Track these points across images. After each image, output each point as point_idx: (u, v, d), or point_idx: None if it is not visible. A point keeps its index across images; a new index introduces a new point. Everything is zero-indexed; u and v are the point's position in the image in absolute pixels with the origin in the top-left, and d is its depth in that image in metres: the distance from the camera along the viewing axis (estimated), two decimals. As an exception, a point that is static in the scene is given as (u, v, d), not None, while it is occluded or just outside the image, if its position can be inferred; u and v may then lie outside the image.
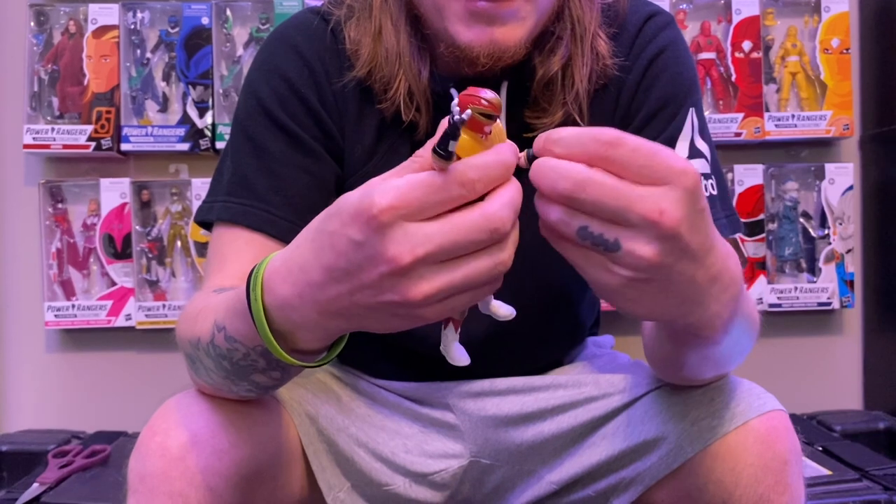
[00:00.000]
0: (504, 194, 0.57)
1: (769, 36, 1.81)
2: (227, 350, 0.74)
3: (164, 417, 0.83)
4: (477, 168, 0.56)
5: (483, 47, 0.85)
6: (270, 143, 0.96)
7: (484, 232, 0.55)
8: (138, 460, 0.80)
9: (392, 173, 0.59)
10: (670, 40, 0.99)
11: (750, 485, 0.81)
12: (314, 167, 0.97)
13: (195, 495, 0.79)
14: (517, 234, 0.59)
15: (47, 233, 1.75)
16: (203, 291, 0.90)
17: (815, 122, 1.77)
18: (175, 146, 1.72)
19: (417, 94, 0.94)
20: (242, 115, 1.00)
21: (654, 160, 0.55)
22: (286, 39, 1.01)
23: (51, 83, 1.74)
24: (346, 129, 0.99)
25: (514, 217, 0.57)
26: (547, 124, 0.95)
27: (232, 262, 0.92)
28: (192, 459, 0.80)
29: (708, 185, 0.96)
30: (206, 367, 0.79)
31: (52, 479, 1.39)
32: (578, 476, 0.98)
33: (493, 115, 0.57)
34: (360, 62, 0.96)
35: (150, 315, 1.72)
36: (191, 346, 0.79)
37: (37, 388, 1.82)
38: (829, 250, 1.80)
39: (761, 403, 0.84)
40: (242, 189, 0.95)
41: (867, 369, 1.88)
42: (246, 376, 0.76)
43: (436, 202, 0.55)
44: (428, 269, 0.56)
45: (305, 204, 0.95)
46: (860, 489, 1.32)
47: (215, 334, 0.74)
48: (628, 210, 0.55)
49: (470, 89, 0.56)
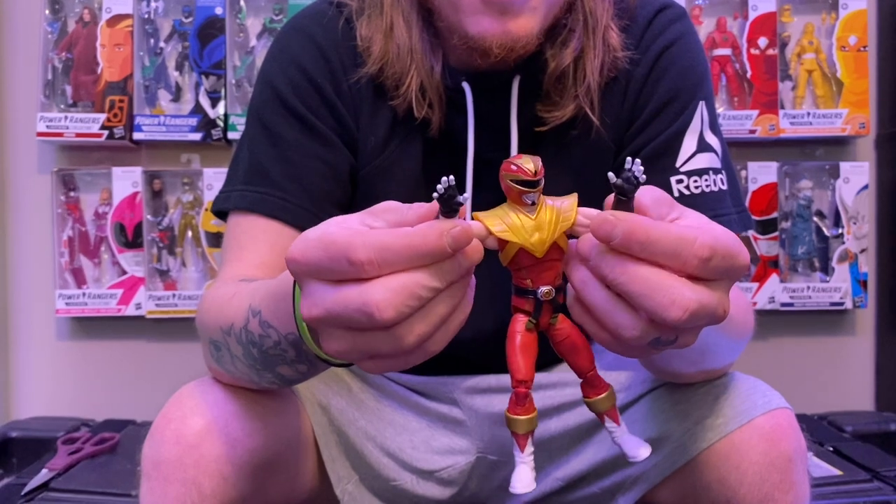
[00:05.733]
0: (394, 281, 0.52)
1: (785, 33, 1.80)
2: (260, 336, 0.73)
3: (179, 405, 0.82)
4: (370, 248, 0.52)
5: (496, 38, 0.85)
6: (286, 132, 0.96)
7: (359, 313, 0.52)
8: (152, 447, 0.80)
9: (370, 215, 0.57)
10: (681, 33, 0.98)
11: (754, 483, 0.80)
12: (329, 156, 0.97)
13: (208, 483, 0.79)
14: (425, 324, 0.54)
15: (59, 221, 1.76)
16: (222, 280, 0.90)
17: (831, 120, 1.75)
18: (187, 136, 1.72)
19: (430, 90, 0.93)
20: (258, 103, 1.00)
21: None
22: (302, 29, 1.00)
23: (64, 71, 1.75)
24: (360, 120, 0.99)
25: (404, 307, 0.52)
26: (558, 118, 0.95)
27: (249, 251, 0.92)
28: (207, 448, 0.79)
29: (718, 179, 0.95)
30: (234, 354, 0.78)
31: (60, 465, 1.40)
32: (584, 473, 0.97)
33: (527, 182, 0.53)
34: (371, 59, 0.95)
35: (161, 304, 1.73)
36: (221, 332, 0.78)
37: (47, 375, 1.83)
38: (843, 250, 1.78)
39: (766, 401, 0.83)
40: (259, 177, 0.95)
41: (879, 370, 1.86)
42: (273, 367, 0.75)
43: (327, 269, 0.53)
44: (331, 329, 0.55)
45: (321, 192, 0.95)
46: (871, 490, 1.31)
47: (250, 319, 0.73)
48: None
49: (512, 157, 0.54)
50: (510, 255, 0.56)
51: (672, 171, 0.95)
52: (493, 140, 0.95)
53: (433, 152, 0.98)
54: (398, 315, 0.51)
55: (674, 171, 0.95)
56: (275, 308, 0.70)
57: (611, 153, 0.99)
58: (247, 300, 0.75)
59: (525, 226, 0.55)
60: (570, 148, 0.97)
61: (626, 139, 0.98)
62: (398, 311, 0.51)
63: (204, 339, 0.84)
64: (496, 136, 0.95)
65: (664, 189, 0.95)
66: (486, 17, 0.84)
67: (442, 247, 0.52)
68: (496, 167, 0.97)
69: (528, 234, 0.55)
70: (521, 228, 0.55)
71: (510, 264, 0.57)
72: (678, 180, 0.94)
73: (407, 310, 0.52)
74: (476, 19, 0.85)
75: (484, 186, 0.98)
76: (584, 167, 0.98)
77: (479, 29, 0.85)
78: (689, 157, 0.96)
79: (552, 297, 0.56)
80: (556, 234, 0.55)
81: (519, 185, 0.54)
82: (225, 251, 0.96)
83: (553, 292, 0.56)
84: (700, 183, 0.94)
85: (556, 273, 0.57)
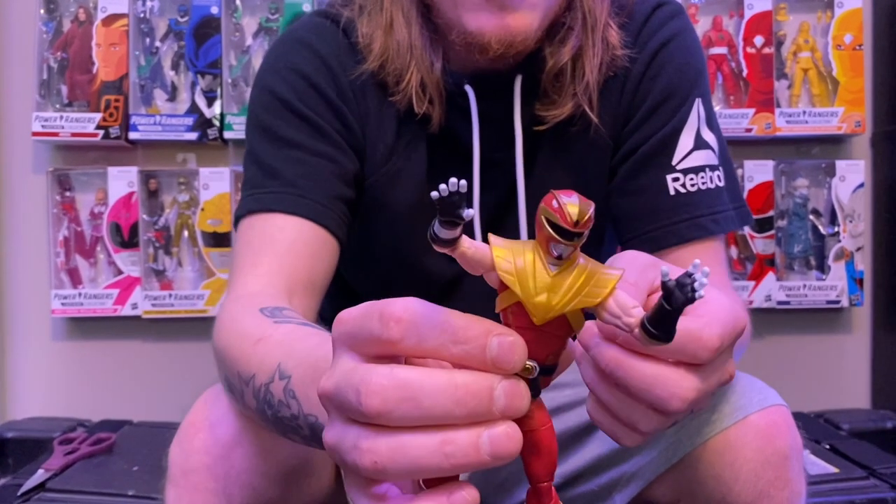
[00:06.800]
0: (402, 371, 0.42)
1: (781, 31, 1.80)
2: (279, 402, 0.65)
3: (207, 412, 0.81)
4: (408, 309, 0.42)
5: (494, 33, 0.85)
6: (294, 134, 0.94)
7: (352, 389, 0.42)
8: (181, 454, 0.79)
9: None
10: (678, 30, 0.98)
11: (749, 480, 0.80)
12: (338, 156, 0.95)
13: (238, 494, 0.78)
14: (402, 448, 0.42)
15: (55, 221, 1.76)
16: (238, 297, 0.84)
17: (827, 118, 1.75)
18: (183, 135, 1.72)
19: (430, 86, 0.93)
20: (259, 113, 0.98)
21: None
22: (298, 38, 1.00)
23: (60, 71, 1.75)
24: (367, 126, 0.98)
25: (394, 402, 0.41)
26: (556, 116, 0.95)
27: (265, 256, 0.88)
28: (237, 458, 0.78)
29: (715, 176, 0.95)
30: (247, 404, 0.72)
31: (57, 465, 1.40)
32: (581, 470, 0.97)
33: (563, 231, 0.41)
34: (372, 56, 0.95)
35: (157, 304, 1.73)
36: (239, 378, 0.71)
37: (43, 375, 1.83)
38: (839, 248, 1.78)
39: (762, 398, 0.83)
40: (271, 179, 0.93)
41: (875, 368, 1.87)
42: (283, 433, 0.68)
43: (359, 328, 0.44)
44: (331, 410, 0.46)
45: (335, 191, 0.93)
46: (867, 487, 1.32)
47: (276, 380, 0.65)
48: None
49: (562, 192, 0.42)
50: (505, 303, 0.44)
51: (668, 168, 0.95)
52: (497, 140, 0.95)
53: (438, 157, 0.99)
54: (383, 406, 0.41)
55: (670, 168, 0.95)
56: (310, 380, 0.60)
57: (609, 150, 0.99)
58: (278, 355, 0.66)
59: (538, 279, 0.42)
60: (569, 145, 0.98)
61: (623, 136, 0.98)
62: (384, 402, 0.41)
63: (219, 367, 0.79)
64: (500, 137, 0.95)
65: (660, 187, 0.97)
66: (485, 13, 0.85)
67: (482, 346, 0.41)
68: (502, 167, 0.98)
69: (534, 290, 0.42)
70: (531, 280, 0.42)
71: (503, 315, 0.45)
72: (674, 178, 0.95)
73: (395, 407, 0.40)
74: (475, 15, 0.85)
75: (490, 187, 0.98)
76: (582, 164, 0.99)
77: (477, 24, 0.85)
78: (685, 155, 0.96)
79: (533, 375, 0.43)
80: (571, 306, 0.43)
81: (553, 229, 0.41)
82: (237, 258, 0.91)
83: (536, 370, 0.43)
84: (696, 181, 0.94)
85: (553, 351, 0.45)
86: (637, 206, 0.97)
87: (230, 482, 0.78)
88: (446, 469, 0.41)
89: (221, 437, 0.79)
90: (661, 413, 0.55)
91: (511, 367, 0.41)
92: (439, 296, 1.04)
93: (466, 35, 0.87)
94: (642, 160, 0.97)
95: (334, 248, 0.94)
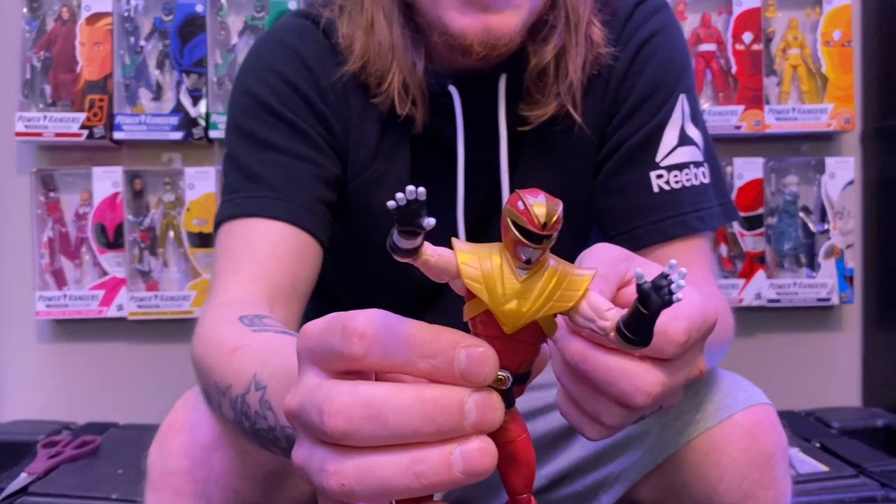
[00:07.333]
0: (365, 388, 0.40)
1: (770, 28, 1.79)
2: (255, 414, 0.63)
3: (187, 414, 0.80)
4: (372, 322, 0.40)
5: (477, 34, 0.84)
6: (274, 137, 0.93)
7: (315, 409, 0.41)
8: (160, 457, 0.78)
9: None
10: (661, 25, 0.97)
11: (734, 480, 0.79)
12: (320, 159, 0.94)
13: (218, 496, 0.77)
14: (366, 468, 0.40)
15: (39, 222, 1.74)
16: (218, 305, 0.83)
17: (816, 115, 1.74)
18: (168, 135, 1.70)
19: (413, 87, 0.92)
20: (239, 115, 0.96)
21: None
22: (278, 40, 0.98)
23: (43, 70, 1.73)
24: (349, 128, 0.97)
25: (358, 421, 0.39)
26: (540, 116, 0.94)
27: (246, 261, 0.87)
28: (217, 460, 0.77)
29: (700, 172, 0.94)
30: (224, 415, 0.70)
31: (40, 469, 1.39)
32: (567, 470, 0.96)
33: (530, 234, 0.38)
34: (353, 56, 0.94)
35: (142, 306, 1.71)
36: (216, 389, 0.70)
37: (28, 378, 1.81)
38: (829, 245, 1.78)
39: (747, 396, 0.82)
40: (251, 183, 0.91)
41: (866, 366, 1.86)
42: (262, 445, 0.66)
43: (322, 342, 0.42)
44: (298, 428, 0.45)
45: (317, 195, 0.92)
46: (857, 485, 1.31)
47: (252, 390, 0.63)
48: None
49: (527, 191, 0.39)
50: (473, 312, 0.41)
51: (652, 165, 0.94)
52: (481, 141, 0.94)
53: (423, 159, 0.97)
54: (347, 426, 0.39)
55: (654, 165, 0.94)
56: (286, 391, 0.59)
57: (594, 148, 0.98)
58: (254, 364, 0.64)
59: (506, 286, 0.40)
60: (554, 145, 0.97)
61: (607, 133, 0.97)
62: (348, 421, 0.39)
63: (197, 377, 0.77)
64: (484, 137, 0.94)
65: (644, 184, 0.96)
66: (468, 14, 0.83)
67: (449, 359, 0.39)
68: (486, 169, 0.97)
69: (503, 297, 0.40)
70: (499, 286, 0.40)
71: (471, 324, 0.42)
72: (658, 175, 0.94)
73: (361, 426, 0.39)
74: (457, 15, 0.84)
75: (475, 189, 0.97)
76: (568, 164, 0.98)
77: (459, 25, 0.84)
78: (669, 152, 0.95)
79: (506, 386, 0.41)
80: (542, 313, 0.40)
81: (520, 232, 0.38)
82: (218, 265, 0.90)
83: (509, 381, 0.41)
84: (681, 177, 0.94)
85: (526, 358, 0.42)
86: (621, 204, 0.96)
87: (210, 485, 0.77)
88: (417, 489, 0.39)
89: (201, 439, 0.78)
90: (625, 407, 0.55)
91: (482, 380, 0.39)
92: (426, 301, 1.03)
93: (448, 37, 0.86)
94: (626, 157, 0.96)
95: (317, 253, 0.92)
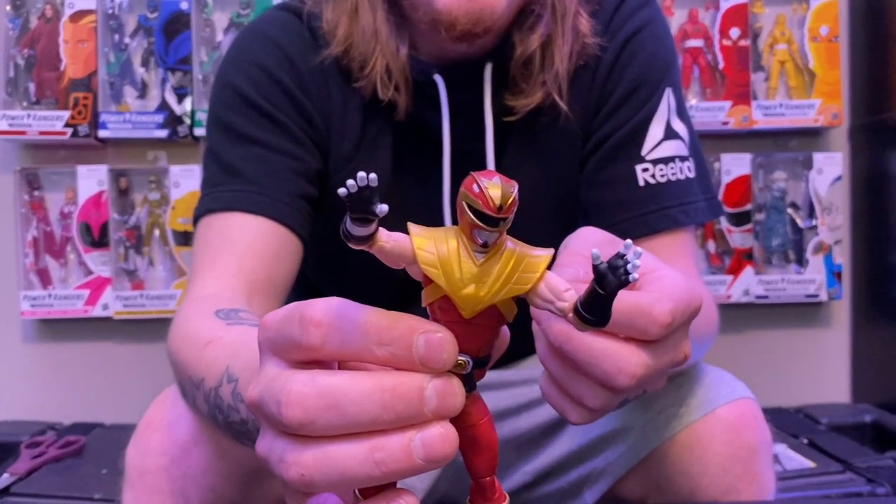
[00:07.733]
0: (323, 378, 0.40)
1: (757, 24, 1.79)
2: (228, 407, 0.64)
3: (164, 412, 0.79)
4: (328, 311, 0.40)
5: (462, 8, 0.82)
6: (255, 131, 0.92)
7: (273, 401, 0.41)
8: (138, 455, 0.78)
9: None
10: (648, 19, 0.96)
11: (717, 474, 0.79)
12: (300, 153, 0.93)
13: (196, 494, 0.76)
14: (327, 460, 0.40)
15: (23, 221, 1.72)
16: (195, 299, 0.82)
17: (804, 111, 1.74)
18: (153, 133, 1.69)
19: (396, 72, 0.91)
20: (220, 109, 0.95)
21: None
22: (259, 32, 0.98)
23: (27, 68, 1.72)
24: (331, 121, 0.96)
25: (317, 411, 0.39)
26: (525, 105, 0.93)
27: (224, 256, 0.86)
28: (195, 458, 0.76)
29: (685, 167, 0.94)
30: (199, 409, 0.70)
31: (23, 469, 1.37)
32: (551, 466, 0.96)
33: (486, 217, 0.38)
34: (336, 41, 0.93)
35: (128, 305, 1.70)
36: (191, 382, 0.69)
37: (13, 378, 1.79)
38: (817, 241, 1.78)
39: (730, 391, 0.81)
40: (231, 177, 0.90)
41: (855, 362, 1.86)
42: (236, 438, 0.67)
43: (280, 333, 0.42)
44: (261, 420, 0.45)
45: (297, 189, 0.91)
46: (843, 481, 1.31)
47: (224, 383, 0.63)
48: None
49: (482, 173, 0.39)
50: (431, 297, 0.41)
51: (637, 159, 0.94)
52: (467, 131, 0.94)
53: (406, 150, 0.97)
54: (305, 416, 0.39)
55: (639, 159, 0.94)
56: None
57: (580, 140, 0.98)
58: (226, 358, 0.64)
59: (463, 270, 0.39)
60: (539, 135, 0.96)
61: (593, 126, 0.97)
62: (305, 411, 0.39)
63: (173, 371, 0.76)
64: (470, 127, 0.94)
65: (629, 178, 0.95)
66: None
67: (407, 346, 0.39)
68: (472, 159, 0.96)
69: (461, 281, 0.39)
70: (456, 271, 0.39)
71: (430, 310, 0.42)
72: (643, 168, 0.93)
73: (318, 416, 0.39)
74: None
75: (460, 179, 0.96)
76: (553, 155, 0.97)
77: (444, 2, 0.83)
78: (655, 145, 0.95)
79: (466, 370, 0.40)
80: (500, 296, 0.40)
81: (475, 215, 0.38)
82: (196, 259, 0.89)
83: (469, 365, 0.40)
84: (666, 171, 0.93)
85: (486, 342, 0.42)
86: (606, 197, 0.96)
87: (188, 483, 0.76)
88: (378, 477, 0.39)
89: (178, 437, 0.77)
90: (608, 389, 0.54)
91: (441, 366, 0.39)
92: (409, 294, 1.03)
93: (433, 13, 0.84)
94: (611, 150, 0.96)
95: (297, 248, 0.91)
